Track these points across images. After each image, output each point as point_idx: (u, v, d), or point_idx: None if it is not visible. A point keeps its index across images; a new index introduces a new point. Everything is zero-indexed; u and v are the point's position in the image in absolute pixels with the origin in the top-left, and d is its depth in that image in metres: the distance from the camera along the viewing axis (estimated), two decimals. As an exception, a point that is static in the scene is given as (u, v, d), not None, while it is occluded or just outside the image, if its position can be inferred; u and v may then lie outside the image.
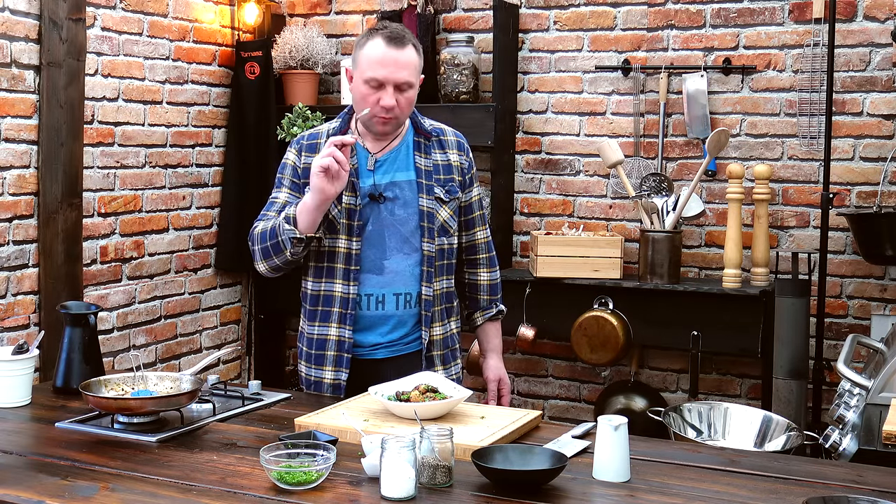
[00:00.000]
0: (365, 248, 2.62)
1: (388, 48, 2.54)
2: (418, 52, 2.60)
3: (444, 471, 1.91)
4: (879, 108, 3.93)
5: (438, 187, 2.67)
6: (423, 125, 2.72)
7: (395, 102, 2.54)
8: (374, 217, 2.63)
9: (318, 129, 2.77)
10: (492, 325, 2.89)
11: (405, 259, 2.63)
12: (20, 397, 2.49)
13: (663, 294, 3.99)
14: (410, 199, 2.64)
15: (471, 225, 2.80)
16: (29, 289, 3.65)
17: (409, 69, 2.55)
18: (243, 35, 4.68)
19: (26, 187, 3.63)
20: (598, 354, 4.05)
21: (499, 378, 2.86)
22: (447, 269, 2.72)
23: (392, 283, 2.63)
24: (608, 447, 1.98)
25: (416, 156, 2.68)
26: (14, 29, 3.53)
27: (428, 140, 2.71)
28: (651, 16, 4.24)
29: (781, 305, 3.73)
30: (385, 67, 2.53)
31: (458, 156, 2.75)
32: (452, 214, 2.71)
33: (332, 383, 2.64)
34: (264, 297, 4.81)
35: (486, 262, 2.85)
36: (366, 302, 2.63)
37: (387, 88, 2.54)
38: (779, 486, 1.97)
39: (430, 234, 2.65)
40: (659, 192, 4.10)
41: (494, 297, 2.87)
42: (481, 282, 2.84)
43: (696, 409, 3.23)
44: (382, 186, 2.64)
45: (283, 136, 4.46)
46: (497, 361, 2.88)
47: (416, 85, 2.59)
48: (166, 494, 1.87)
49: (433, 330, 2.68)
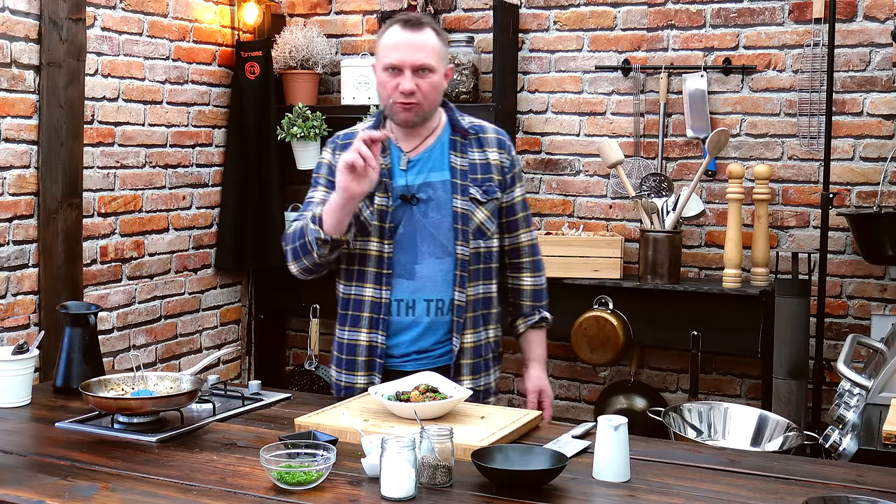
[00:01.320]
0: (396, 252, 2.54)
1: (403, 31, 2.48)
2: (439, 36, 2.51)
3: (444, 471, 1.91)
4: (879, 108, 3.93)
5: (475, 187, 2.56)
6: (460, 123, 2.61)
7: (413, 86, 2.45)
8: (407, 220, 2.54)
9: (353, 128, 2.70)
10: (535, 332, 2.75)
11: (438, 263, 2.54)
12: (20, 397, 2.49)
13: (663, 294, 3.99)
14: (444, 201, 2.54)
15: (514, 227, 2.68)
16: (29, 289, 3.65)
17: (426, 51, 2.46)
18: (243, 35, 4.68)
19: (26, 187, 3.63)
20: (598, 354, 4.05)
21: (539, 389, 2.72)
22: (484, 274, 2.60)
23: (423, 289, 2.54)
24: (608, 447, 1.98)
25: (452, 155, 2.58)
26: (14, 29, 3.53)
27: (465, 138, 2.60)
28: (651, 16, 4.24)
29: (781, 305, 3.73)
30: (400, 50, 2.46)
31: (499, 154, 2.63)
32: (490, 216, 2.59)
33: (365, 388, 2.55)
34: (264, 297, 4.81)
35: (531, 265, 2.72)
36: (396, 307, 2.55)
37: (404, 73, 2.45)
38: (779, 486, 1.97)
39: (465, 236, 2.54)
40: (659, 192, 4.10)
41: (539, 303, 2.74)
42: (524, 287, 2.71)
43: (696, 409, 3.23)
44: (415, 187, 2.54)
45: (283, 136, 4.46)
46: (539, 372, 2.74)
47: (437, 69, 2.49)
48: (166, 494, 1.87)
49: (464, 337, 2.57)
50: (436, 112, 2.60)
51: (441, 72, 2.52)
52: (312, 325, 4.65)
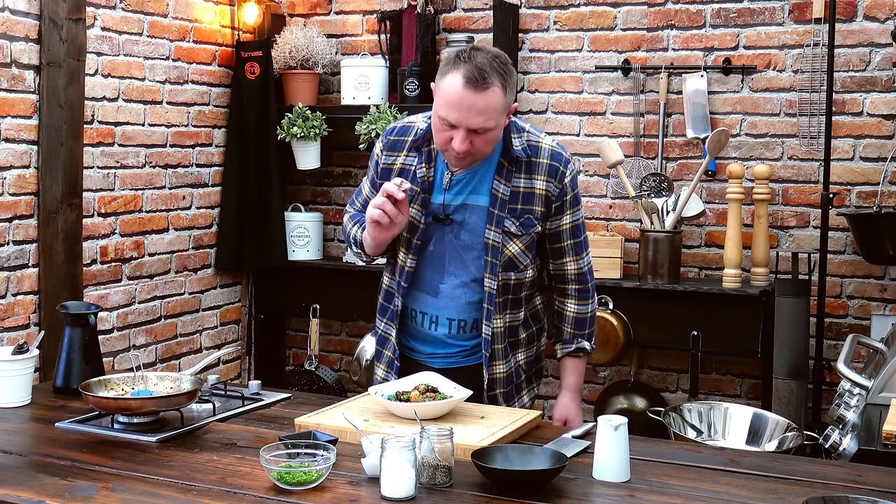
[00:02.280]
0: (424, 267, 2.51)
1: (465, 89, 2.27)
2: (505, 88, 2.31)
3: (444, 471, 1.91)
4: (879, 108, 3.93)
5: (511, 219, 2.45)
6: (513, 147, 2.44)
7: (467, 146, 2.31)
8: (437, 238, 2.49)
9: (409, 121, 2.58)
10: (571, 360, 2.64)
11: (462, 288, 2.49)
12: (20, 397, 2.49)
13: (663, 294, 3.99)
14: (478, 228, 2.46)
15: (558, 254, 2.56)
16: (29, 289, 3.65)
17: (488, 114, 2.28)
18: (243, 35, 4.68)
19: (26, 187, 3.63)
20: (598, 354, 4.04)
21: (565, 418, 2.62)
22: (514, 304, 2.53)
23: (446, 308, 2.51)
24: (608, 447, 1.98)
25: (496, 180, 2.45)
26: (14, 29, 3.53)
27: (512, 165, 2.45)
28: (651, 16, 4.24)
29: (781, 305, 3.73)
30: (458, 111, 2.28)
31: (547, 182, 2.46)
32: (524, 250, 2.48)
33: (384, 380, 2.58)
34: (264, 297, 4.81)
35: (576, 293, 2.60)
36: (420, 318, 2.55)
37: (459, 131, 2.30)
38: (779, 486, 1.97)
39: (493, 269, 2.46)
40: (659, 192, 4.10)
41: (580, 332, 2.62)
42: (567, 313, 2.62)
43: (696, 409, 3.23)
44: (451, 208, 2.47)
45: (283, 136, 4.46)
46: (568, 401, 2.64)
47: (497, 126, 2.34)
48: (166, 494, 1.87)
49: (495, 368, 2.52)
50: None
51: (502, 123, 2.37)
52: (312, 325, 4.65)
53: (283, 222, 4.60)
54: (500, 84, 2.29)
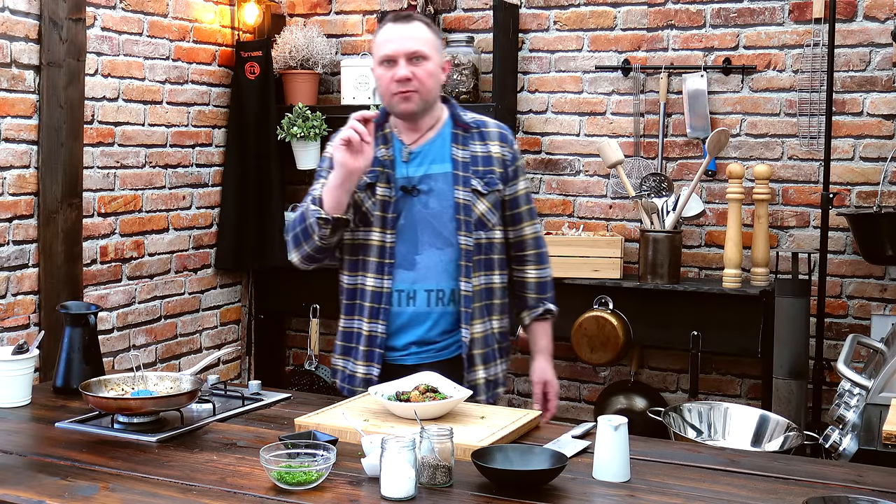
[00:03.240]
0: (397, 243, 2.57)
1: (394, 25, 2.55)
2: (430, 27, 2.57)
3: (444, 471, 1.91)
4: (879, 108, 3.93)
5: (476, 179, 2.59)
6: (462, 117, 2.65)
7: (409, 73, 2.50)
8: (407, 210, 2.57)
9: None
10: (539, 325, 2.77)
11: (438, 254, 2.56)
12: (20, 397, 2.49)
13: (663, 294, 3.99)
14: (445, 192, 2.57)
15: (517, 220, 2.70)
16: (29, 289, 3.65)
17: (418, 40, 2.52)
18: (243, 35, 4.68)
19: (26, 187, 3.63)
20: (598, 354, 4.05)
21: (544, 381, 2.75)
22: (487, 265, 2.62)
23: (423, 279, 2.56)
24: (608, 447, 1.98)
25: (454, 147, 2.61)
26: (14, 29, 3.53)
27: (467, 132, 2.64)
28: (651, 16, 4.24)
29: (781, 305, 3.73)
30: (391, 42, 2.52)
31: (501, 147, 2.65)
32: (491, 208, 2.61)
33: (364, 377, 2.58)
34: (264, 297, 4.81)
35: (535, 258, 2.73)
36: (396, 298, 2.57)
37: (399, 62, 2.50)
38: (779, 486, 1.97)
39: (468, 227, 2.56)
40: (659, 192, 4.10)
41: (543, 295, 2.75)
42: (528, 279, 2.73)
43: (696, 409, 3.24)
44: (416, 179, 2.57)
45: (283, 136, 4.46)
46: (544, 363, 2.77)
47: (431, 57, 2.53)
48: (166, 494, 1.87)
49: (473, 327, 2.58)
50: (436, 105, 2.63)
51: (437, 61, 2.56)
52: (312, 325, 4.65)
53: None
54: (424, 23, 2.57)
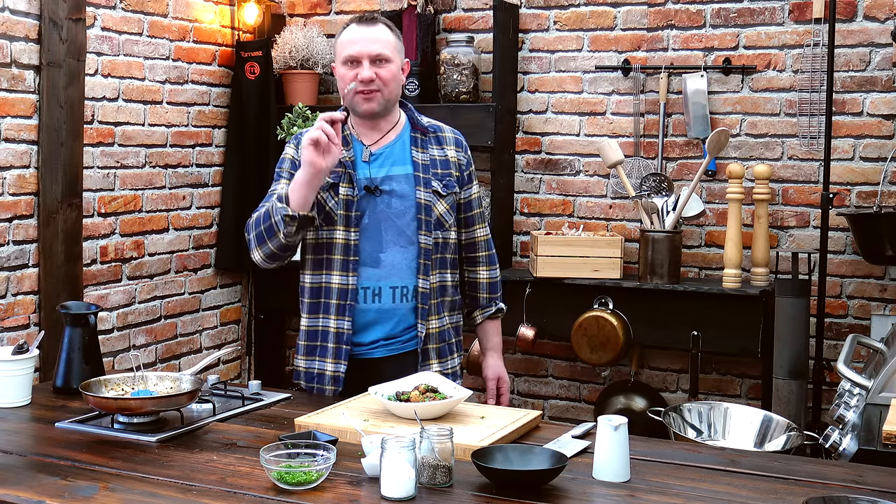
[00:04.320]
0: (362, 241, 2.62)
1: (358, 27, 2.62)
2: (392, 31, 2.65)
3: (444, 471, 1.91)
4: (879, 108, 3.93)
5: (436, 181, 2.67)
6: (419, 121, 2.73)
7: (372, 74, 2.57)
8: (371, 209, 2.63)
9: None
10: (491, 323, 2.89)
11: (402, 252, 2.63)
12: (20, 397, 2.49)
13: (663, 294, 3.99)
14: (407, 192, 2.64)
15: (470, 222, 2.81)
16: (29, 289, 3.65)
17: (381, 43, 2.60)
18: (243, 35, 4.68)
19: (26, 187, 3.63)
20: (598, 354, 4.05)
21: (497, 376, 2.86)
22: (442, 263, 2.70)
23: (388, 276, 2.62)
24: (608, 447, 1.98)
25: (413, 150, 2.69)
26: (14, 29, 3.53)
27: (425, 136, 2.72)
28: (651, 16, 4.24)
29: (781, 305, 3.73)
30: (356, 43, 2.59)
31: (456, 152, 2.75)
32: (449, 209, 2.70)
33: (333, 375, 2.62)
34: (264, 297, 4.81)
35: (486, 259, 2.85)
36: (362, 295, 2.62)
37: (362, 63, 2.58)
38: (779, 486, 1.97)
39: (428, 226, 2.64)
40: (659, 192, 4.10)
41: (494, 295, 2.87)
42: (480, 280, 2.84)
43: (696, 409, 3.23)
44: (378, 180, 2.64)
45: (283, 136, 4.46)
46: (496, 360, 2.88)
47: (394, 60, 2.61)
48: (166, 494, 1.87)
49: (429, 323, 2.67)
50: (395, 108, 2.71)
51: (398, 63, 2.64)
52: (312, 325, 4.65)
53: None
54: (387, 26, 2.65)
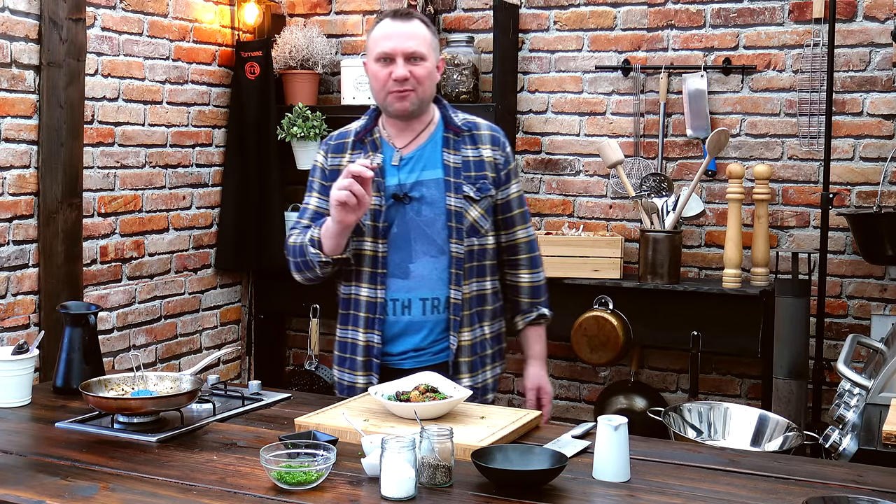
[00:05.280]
0: (390, 252, 2.54)
1: (393, 22, 2.53)
2: (428, 27, 2.55)
3: (444, 471, 1.91)
4: (879, 108, 3.93)
5: (468, 185, 2.56)
6: (453, 120, 2.62)
7: (406, 73, 2.48)
8: (400, 219, 2.54)
9: (346, 128, 2.70)
10: (533, 329, 2.75)
11: (432, 262, 2.54)
12: (20, 397, 2.49)
13: (663, 294, 3.99)
14: (437, 199, 2.54)
15: (510, 224, 2.68)
16: (29, 289, 3.65)
17: (417, 39, 2.50)
18: (243, 35, 4.68)
19: (26, 187, 3.63)
20: (598, 354, 4.05)
21: (538, 386, 2.73)
22: (479, 271, 2.60)
23: (418, 288, 2.54)
24: (608, 447, 1.98)
25: (445, 152, 2.57)
26: (14, 29, 3.53)
27: (458, 135, 2.60)
28: (651, 16, 4.24)
29: (781, 305, 3.73)
30: (391, 39, 2.50)
31: (493, 151, 2.62)
32: (484, 213, 2.58)
33: (365, 387, 2.57)
34: (264, 297, 4.81)
35: (528, 262, 2.71)
36: (391, 307, 2.56)
37: (397, 61, 2.49)
38: (779, 486, 1.97)
39: (459, 234, 2.54)
40: (659, 192, 4.10)
41: (536, 300, 2.73)
42: (522, 284, 2.71)
43: (696, 409, 3.23)
44: (408, 186, 2.54)
45: (283, 136, 4.46)
46: (537, 369, 2.75)
47: (429, 58, 2.52)
48: (166, 494, 1.87)
49: (461, 335, 2.57)
50: (429, 107, 2.60)
51: (433, 61, 2.55)
52: (312, 325, 4.65)
53: (283, 222, 4.59)
54: (423, 22, 2.55)
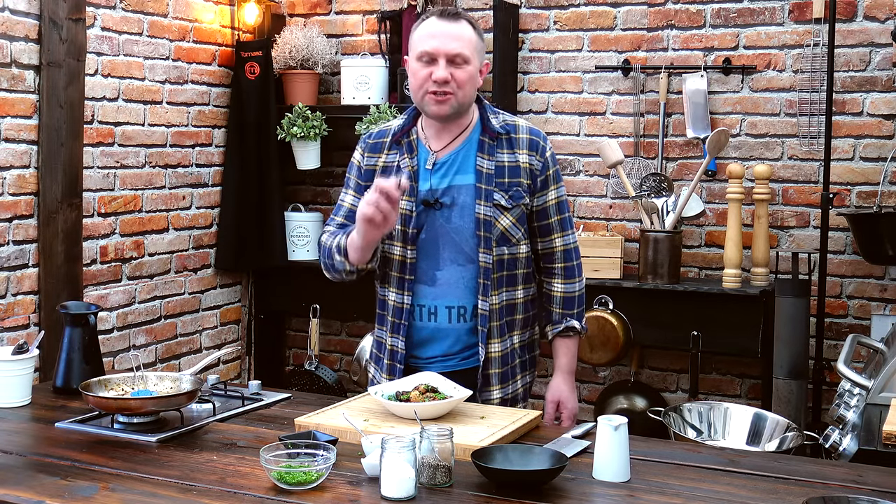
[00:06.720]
0: (419, 258, 2.49)
1: (439, 21, 2.44)
2: (476, 29, 2.47)
3: (444, 471, 1.91)
4: (879, 108, 3.93)
5: (500, 192, 2.47)
6: (491, 123, 2.52)
7: (447, 75, 2.40)
8: (429, 225, 2.49)
9: (386, 125, 2.64)
10: (561, 341, 2.65)
11: (460, 270, 2.48)
12: (20, 397, 2.49)
13: (663, 294, 3.99)
14: (467, 206, 2.47)
15: (546, 231, 2.58)
16: (29, 289, 3.65)
17: (462, 41, 2.42)
18: (243, 35, 4.68)
19: (26, 187, 3.63)
20: (598, 354, 4.05)
21: (557, 399, 2.64)
22: (509, 281, 2.53)
23: (445, 296, 2.49)
24: (608, 447, 1.98)
25: (479, 157, 2.49)
26: (14, 29, 3.53)
27: (494, 139, 2.51)
28: (651, 16, 4.24)
29: (781, 305, 3.73)
30: (434, 38, 2.41)
31: (529, 156, 2.52)
32: (516, 222, 2.50)
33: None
34: (264, 297, 4.81)
35: (562, 272, 2.61)
36: (418, 312, 2.52)
37: (438, 62, 2.40)
38: (779, 486, 1.97)
39: (488, 243, 2.47)
40: (659, 192, 4.10)
41: (568, 311, 2.62)
42: (555, 293, 2.61)
43: (696, 409, 3.23)
44: (439, 192, 2.48)
45: (283, 136, 4.46)
46: (559, 382, 2.65)
47: (472, 61, 2.43)
48: (166, 494, 1.87)
49: (490, 347, 2.50)
50: (469, 108, 2.53)
51: (477, 65, 2.46)
52: (312, 325, 4.65)
53: (282, 222, 4.60)
54: (470, 23, 2.47)
